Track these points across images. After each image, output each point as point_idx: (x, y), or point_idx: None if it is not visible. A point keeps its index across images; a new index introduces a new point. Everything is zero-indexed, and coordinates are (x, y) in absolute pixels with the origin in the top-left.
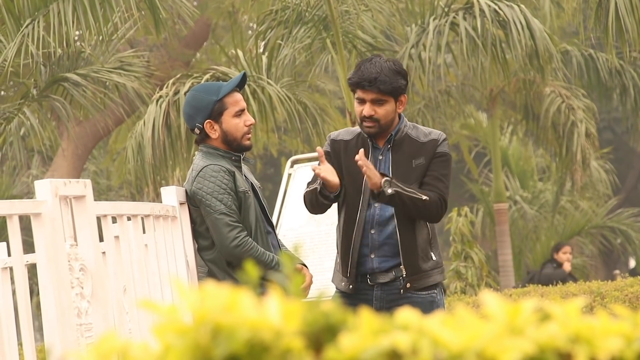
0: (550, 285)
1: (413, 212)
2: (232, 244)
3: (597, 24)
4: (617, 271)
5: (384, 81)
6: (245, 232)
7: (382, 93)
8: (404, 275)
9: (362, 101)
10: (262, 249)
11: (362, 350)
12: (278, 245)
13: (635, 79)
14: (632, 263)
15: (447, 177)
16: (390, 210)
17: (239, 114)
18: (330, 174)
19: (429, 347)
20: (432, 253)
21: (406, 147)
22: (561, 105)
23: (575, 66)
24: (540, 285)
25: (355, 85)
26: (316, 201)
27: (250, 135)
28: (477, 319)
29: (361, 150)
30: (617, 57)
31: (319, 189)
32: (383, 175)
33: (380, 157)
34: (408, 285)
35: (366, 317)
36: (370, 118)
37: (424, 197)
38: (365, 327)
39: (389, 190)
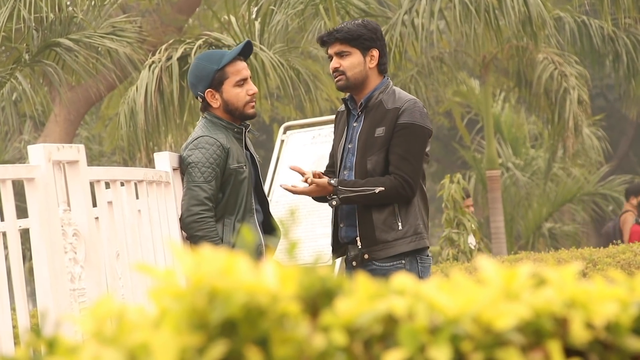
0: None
1: (372, 204)
2: (190, 218)
3: None
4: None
5: (341, 30)
6: (212, 214)
7: (342, 43)
8: (360, 247)
9: (330, 58)
10: (219, 239)
11: (358, 315)
12: (269, 223)
13: (628, 46)
14: None
15: (413, 153)
16: None
17: (241, 83)
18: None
19: (425, 312)
20: (399, 223)
21: (375, 113)
22: (554, 72)
23: (568, 33)
24: (532, 252)
25: (319, 43)
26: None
27: (254, 104)
28: (473, 284)
29: (298, 167)
30: (611, 24)
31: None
32: (331, 185)
33: (355, 124)
34: (366, 256)
35: (362, 282)
36: (336, 70)
37: (378, 190)
38: (361, 292)
39: (334, 203)
